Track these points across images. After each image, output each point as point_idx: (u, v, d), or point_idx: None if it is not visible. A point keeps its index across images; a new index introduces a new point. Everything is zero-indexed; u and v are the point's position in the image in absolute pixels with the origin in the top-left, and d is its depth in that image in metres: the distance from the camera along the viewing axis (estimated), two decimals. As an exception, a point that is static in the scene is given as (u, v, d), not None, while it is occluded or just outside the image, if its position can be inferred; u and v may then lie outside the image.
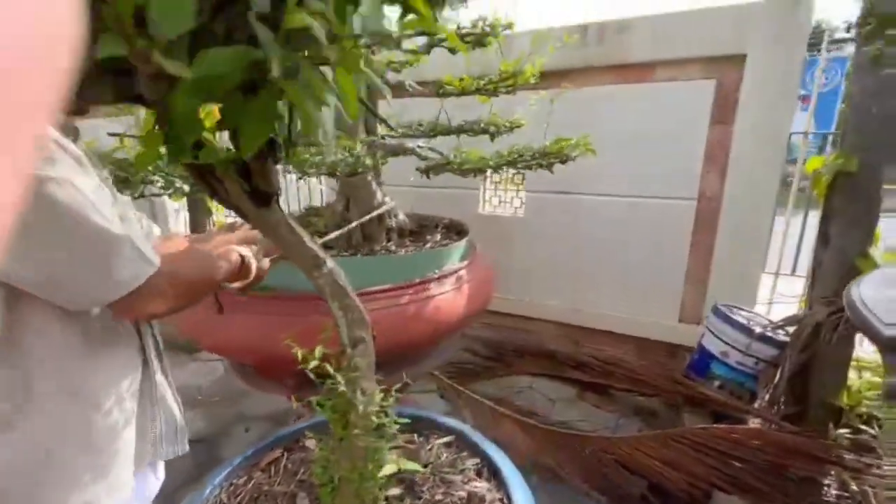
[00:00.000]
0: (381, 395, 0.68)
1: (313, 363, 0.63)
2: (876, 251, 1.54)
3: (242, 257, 0.81)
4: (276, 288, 1.28)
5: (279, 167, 0.64)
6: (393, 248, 1.50)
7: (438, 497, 0.70)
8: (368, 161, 1.12)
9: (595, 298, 2.52)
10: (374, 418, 0.64)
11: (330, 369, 0.63)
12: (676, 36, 2.05)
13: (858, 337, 1.57)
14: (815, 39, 2.30)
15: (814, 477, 1.41)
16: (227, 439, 1.99)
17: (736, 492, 1.39)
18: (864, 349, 1.70)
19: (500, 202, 2.76)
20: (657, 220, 2.27)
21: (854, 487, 1.31)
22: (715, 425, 1.50)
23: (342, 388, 0.63)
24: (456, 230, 1.80)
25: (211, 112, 0.49)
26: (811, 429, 1.48)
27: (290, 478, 0.76)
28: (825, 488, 1.41)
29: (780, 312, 2.04)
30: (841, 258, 1.56)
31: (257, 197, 0.58)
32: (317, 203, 3.49)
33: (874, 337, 0.75)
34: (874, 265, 1.50)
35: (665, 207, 2.24)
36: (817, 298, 1.63)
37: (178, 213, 4.01)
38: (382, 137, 1.74)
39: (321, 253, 0.61)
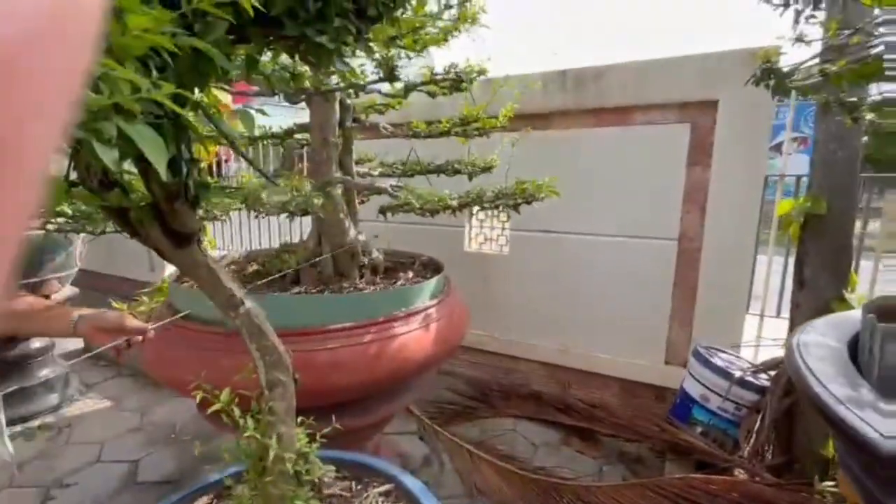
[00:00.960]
0: (305, 439, 0.67)
1: (216, 407, 0.62)
2: (852, 295, 1.52)
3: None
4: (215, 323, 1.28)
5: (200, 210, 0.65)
6: (362, 285, 1.50)
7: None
8: (316, 200, 1.14)
9: (581, 339, 2.48)
10: (288, 465, 0.62)
11: (236, 415, 0.62)
12: (651, 82, 2.11)
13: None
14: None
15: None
16: (194, 482, 1.93)
17: (715, 548, 1.31)
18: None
19: (485, 239, 2.77)
20: (640, 259, 2.26)
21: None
22: (693, 475, 1.43)
23: (252, 433, 0.61)
24: (432, 268, 1.80)
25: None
26: (795, 481, 1.41)
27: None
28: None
29: (766, 355, 1.99)
30: (817, 301, 1.54)
31: (175, 238, 0.58)
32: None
33: (804, 393, 0.73)
34: (850, 308, 1.47)
35: (647, 247, 2.24)
36: (797, 342, 1.59)
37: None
38: (362, 175, 1.78)
39: (238, 293, 0.62)
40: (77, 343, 2.98)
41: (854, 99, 1.14)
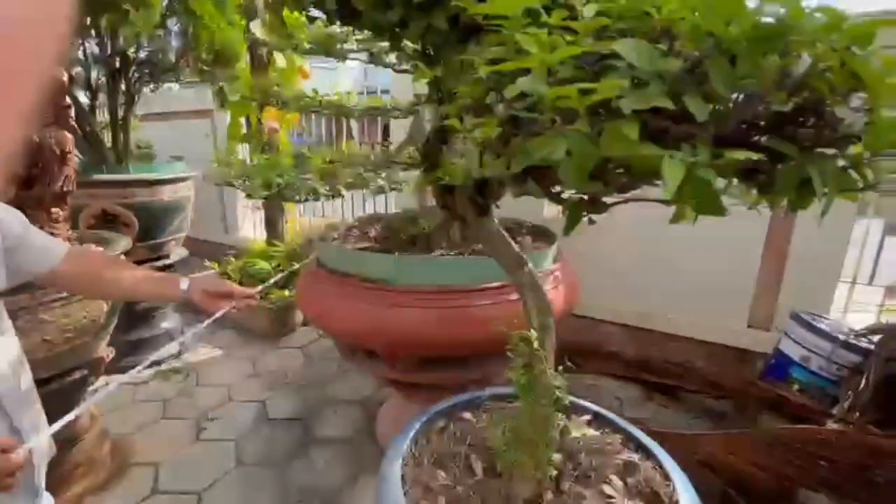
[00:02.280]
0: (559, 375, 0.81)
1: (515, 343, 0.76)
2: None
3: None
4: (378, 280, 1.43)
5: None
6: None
7: (596, 464, 0.83)
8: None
9: (664, 302, 2.58)
10: (556, 392, 0.76)
11: (523, 348, 0.76)
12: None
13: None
14: None
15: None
16: (319, 420, 2.18)
17: (824, 491, 1.45)
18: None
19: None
20: (730, 223, 2.31)
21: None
22: (800, 426, 1.56)
23: (533, 364, 0.76)
24: (539, 233, 1.92)
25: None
26: (898, 434, 1.52)
27: (460, 443, 0.90)
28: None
29: (855, 321, 2.06)
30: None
31: (479, 207, 0.71)
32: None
33: None
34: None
35: (737, 211, 2.28)
36: (905, 308, 1.66)
37: (253, 212, 4.27)
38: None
39: (523, 255, 0.75)
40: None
41: None
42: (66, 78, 1.56)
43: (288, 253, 3.26)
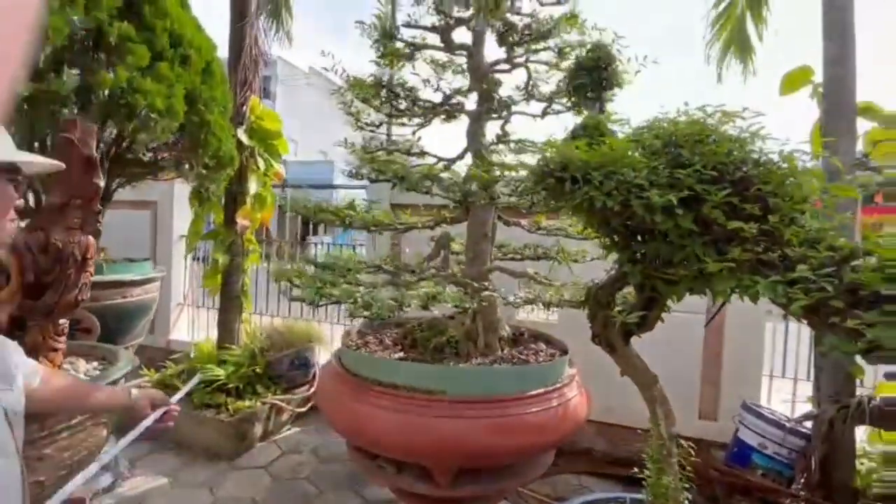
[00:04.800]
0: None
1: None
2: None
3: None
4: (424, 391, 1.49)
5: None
6: (522, 356, 1.78)
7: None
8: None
9: (625, 399, 2.85)
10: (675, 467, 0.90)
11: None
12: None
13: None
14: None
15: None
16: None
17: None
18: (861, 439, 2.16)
19: (532, 309, 3.13)
20: (673, 330, 2.74)
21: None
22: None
23: (665, 470, 0.90)
24: (542, 339, 2.12)
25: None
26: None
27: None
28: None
29: (783, 410, 2.50)
30: (837, 363, 2.07)
31: (627, 338, 0.89)
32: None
33: None
34: (862, 372, 2.02)
35: (680, 319, 2.73)
36: (825, 397, 2.10)
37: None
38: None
39: (654, 374, 0.92)
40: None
41: None
42: (102, 185, 1.50)
43: (247, 356, 3.03)
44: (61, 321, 1.40)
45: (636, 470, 1.12)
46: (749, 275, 0.70)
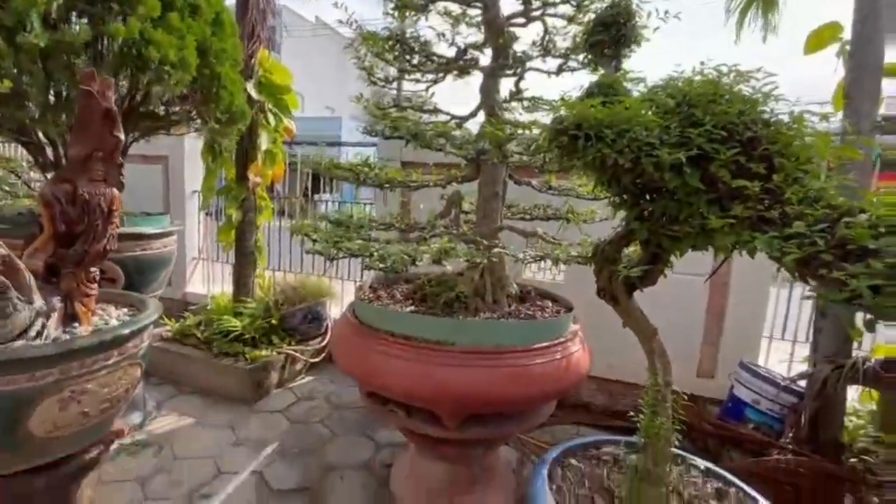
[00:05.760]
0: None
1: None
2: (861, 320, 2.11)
3: None
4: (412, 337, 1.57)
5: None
6: (528, 311, 1.84)
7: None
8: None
9: (626, 356, 2.95)
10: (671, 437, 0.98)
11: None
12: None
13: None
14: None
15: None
16: (328, 488, 2.10)
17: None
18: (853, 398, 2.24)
19: (538, 269, 3.19)
20: (679, 290, 2.79)
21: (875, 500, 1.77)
22: (765, 458, 1.92)
23: (658, 413, 0.97)
24: (549, 298, 2.18)
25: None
26: (834, 459, 1.95)
27: (579, 486, 1.06)
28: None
29: (780, 370, 2.59)
30: (837, 324, 2.12)
31: (630, 291, 0.93)
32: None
33: None
34: (860, 334, 2.07)
35: (686, 281, 2.78)
36: (821, 358, 2.16)
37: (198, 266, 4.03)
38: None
39: (653, 326, 0.97)
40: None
41: None
42: (122, 138, 1.53)
43: (262, 309, 3.15)
44: (92, 269, 1.47)
45: (632, 414, 1.20)
46: (749, 231, 0.74)
